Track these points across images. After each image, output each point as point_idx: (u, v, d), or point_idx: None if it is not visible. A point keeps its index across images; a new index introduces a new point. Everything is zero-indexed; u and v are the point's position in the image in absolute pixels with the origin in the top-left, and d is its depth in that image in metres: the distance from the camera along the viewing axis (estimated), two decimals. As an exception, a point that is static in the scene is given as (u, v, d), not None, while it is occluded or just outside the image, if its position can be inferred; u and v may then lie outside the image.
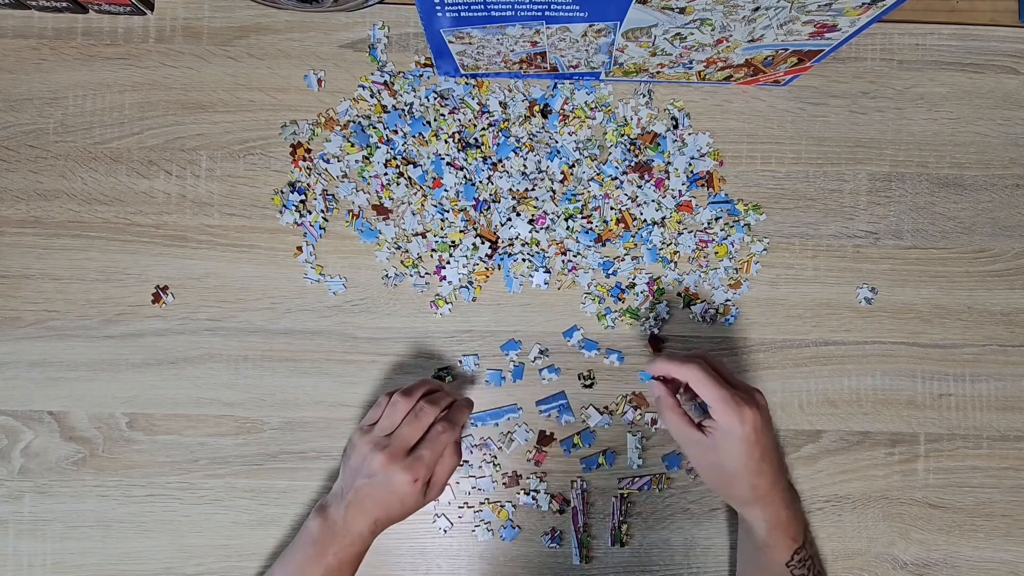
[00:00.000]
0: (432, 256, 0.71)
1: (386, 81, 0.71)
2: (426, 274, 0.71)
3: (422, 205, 0.71)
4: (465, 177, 0.71)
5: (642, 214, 0.71)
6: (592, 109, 0.71)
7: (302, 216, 0.71)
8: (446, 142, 0.71)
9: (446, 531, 0.70)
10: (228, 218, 0.71)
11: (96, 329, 0.70)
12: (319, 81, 0.72)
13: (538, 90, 0.72)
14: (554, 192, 0.71)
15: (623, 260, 0.71)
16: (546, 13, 0.56)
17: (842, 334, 0.72)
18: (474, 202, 0.71)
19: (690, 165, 0.72)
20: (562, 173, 0.71)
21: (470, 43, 0.62)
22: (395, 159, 0.71)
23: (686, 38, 0.60)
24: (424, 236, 0.71)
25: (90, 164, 0.71)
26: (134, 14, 0.71)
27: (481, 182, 0.71)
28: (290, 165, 0.71)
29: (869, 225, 0.72)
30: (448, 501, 0.70)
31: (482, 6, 0.55)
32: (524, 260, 0.71)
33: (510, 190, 0.71)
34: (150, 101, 0.71)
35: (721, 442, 0.57)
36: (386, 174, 0.71)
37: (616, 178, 0.71)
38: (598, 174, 0.71)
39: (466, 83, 0.71)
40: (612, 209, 0.71)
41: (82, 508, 0.70)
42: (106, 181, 0.71)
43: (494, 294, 0.71)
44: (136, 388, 0.70)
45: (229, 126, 0.71)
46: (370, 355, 0.71)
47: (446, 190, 0.70)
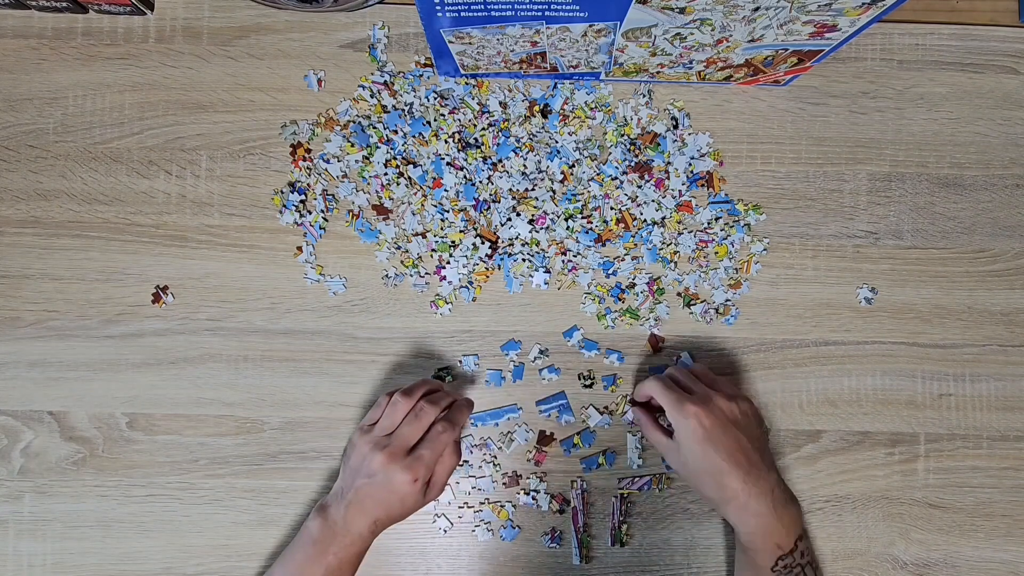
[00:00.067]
0: (432, 256, 0.71)
1: (386, 81, 0.71)
2: (426, 274, 0.71)
3: (422, 205, 0.71)
4: (465, 177, 0.71)
5: (642, 214, 0.71)
6: (592, 109, 0.71)
7: (302, 216, 0.71)
8: (446, 142, 0.71)
9: (446, 531, 0.70)
10: (228, 218, 0.71)
11: (96, 329, 0.70)
12: (319, 81, 0.72)
13: (538, 90, 0.72)
14: (554, 192, 0.71)
15: (623, 260, 0.71)
16: (546, 13, 0.56)
17: (842, 334, 0.72)
18: (474, 202, 0.71)
19: (690, 165, 0.72)
20: (562, 173, 0.71)
21: (470, 43, 0.62)
22: (395, 159, 0.71)
23: (686, 38, 0.60)
24: (424, 236, 0.71)
25: (90, 164, 0.71)
26: (134, 14, 0.71)
27: (481, 182, 0.71)
28: (290, 165, 0.71)
29: (869, 225, 0.72)
30: (448, 501, 0.70)
31: (482, 6, 0.55)
32: (524, 260, 0.71)
33: (510, 190, 0.71)
34: (150, 101, 0.71)
35: (682, 442, 0.61)
36: (386, 174, 0.71)
37: (616, 178, 0.71)
38: (598, 174, 0.71)
39: (466, 83, 0.71)
40: (612, 209, 0.71)
41: (82, 508, 0.70)
42: (106, 181, 0.71)
43: (494, 294, 0.71)
44: (136, 388, 0.70)
45: (229, 126, 0.71)
46: (370, 355, 0.71)
47: (446, 190, 0.70)
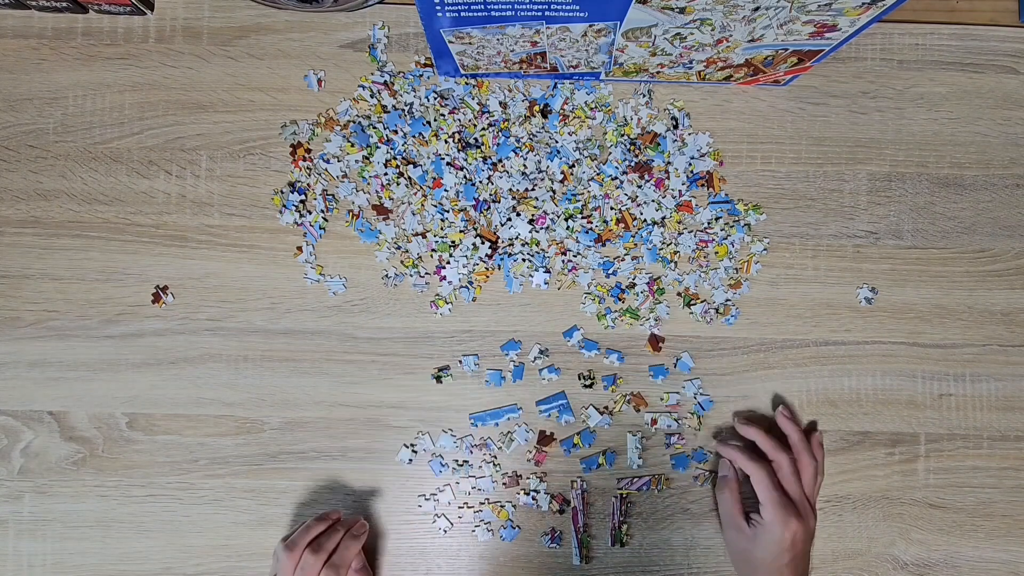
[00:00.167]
0: (432, 256, 0.71)
1: (386, 81, 0.71)
2: (426, 274, 0.71)
3: (422, 205, 0.71)
4: (465, 177, 0.71)
5: (642, 214, 0.71)
6: (592, 109, 0.71)
7: (302, 216, 0.71)
8: (446, 142, 0.71)
9: (446, 531, 0.70)
10: (228, 218, 0.71)
11: (96, 329, 0.70)
12: (319, 81, 0.72)
13: (538, 90, 0.72)
14: (554, 192, 0.71)
15: (623, 260, 0.71)
16: (546, 13, 0.56)
17: (842, 334, 0.72)
18: (474, 202, 0.71)
19: (690, 165, 0.72)
20: (562, 173, 0.71)
21: (470, 43, 0.62)
22: (395, 159, 0.71)
23: (686, 38, 0.60)
24: (424, 236, 0.71)
25: (90, 164, 0.71)
26: (134, 14, 0.71)
27: (481, 182, 0.71)
28: (290, 165, 0.71)
29: (869, 225, 0.72)
30: (448, 501, 0.70)
31: (482, 6, 0.55)
32: (524, 260, 0.71)
33: (510, 190, 0.71)
34: (150, 101, 0.71)
35: (760, 536, 0.64)
36: (386, 174, 0.71)
37: (616, 178, 0.71)
38: (598, 174, 0.71)
39: (466, 83, 0.71)
40: (612, 209, 0.71)
41: (82, 508, 0.70)
42: (106, 181, 0.71)
43: (494, 294, 0.71)
44: (136, 388, 0.70)
45: (229, 126, 0.71)
46: (370, 355, 0.71)
47: (446, 190, 0.70)
